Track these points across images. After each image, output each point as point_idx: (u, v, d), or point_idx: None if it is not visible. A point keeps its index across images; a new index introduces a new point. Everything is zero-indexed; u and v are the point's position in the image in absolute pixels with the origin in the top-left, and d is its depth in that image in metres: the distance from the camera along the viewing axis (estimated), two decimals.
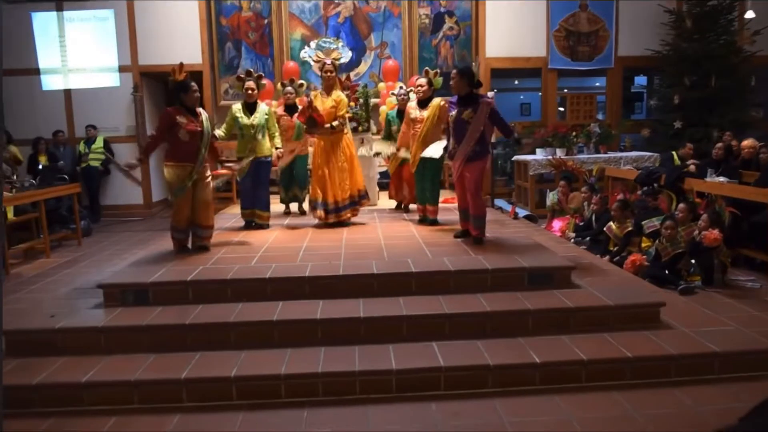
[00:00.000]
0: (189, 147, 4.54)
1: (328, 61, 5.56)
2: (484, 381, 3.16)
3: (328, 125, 5.38)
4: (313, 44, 7.34)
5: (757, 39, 9.13)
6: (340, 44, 7.24)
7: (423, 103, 5.57)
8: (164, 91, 10.60)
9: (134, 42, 9.42)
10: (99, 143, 9.31)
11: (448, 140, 4.91)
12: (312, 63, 7.12)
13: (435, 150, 5.25)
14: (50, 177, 7.80)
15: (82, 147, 9.28)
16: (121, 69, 9.44)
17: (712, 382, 3.21)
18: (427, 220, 5.67)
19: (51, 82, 9.45)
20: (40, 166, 8.48)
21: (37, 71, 9.33)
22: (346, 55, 7.59)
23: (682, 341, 3.43)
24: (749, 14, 8.81)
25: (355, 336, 3.50)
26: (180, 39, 9.33)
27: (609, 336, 3.52)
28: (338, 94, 5.49)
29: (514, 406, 2.99)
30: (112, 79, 9.45)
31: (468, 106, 4.57)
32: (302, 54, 8.05)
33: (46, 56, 9.36)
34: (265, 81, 5.95)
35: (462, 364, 3.19)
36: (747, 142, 6.67)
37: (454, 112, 4.69)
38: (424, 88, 5.57)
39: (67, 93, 9.50)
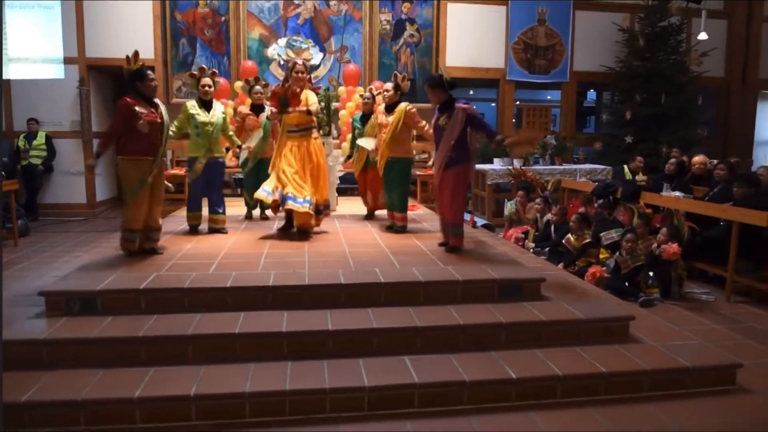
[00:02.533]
0: (148, 139, 4.23)
1: (300, 62, 5.33)
2: (459, 398, 3.02)
3: (303, 109, 5.08)
4: (282, 42, 7.10)
5: (703, 60, 9.50)
6: (311, 44, 7.03)
7: (390, 108, 5.44)
8: (113, 85, 10.08)
9: (81, 33, 8.92)
10: (41, 139, 8.76)
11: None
12: (281, 60, 6.87)
13: (368, 142, 5.14)
14: None
15: (21, 142, 8.70)
16: (67, 61, 8.90)
17: (683, 397, 3.19)
18: (394, 227, 5.52)
19: None
20: None
21: None
22: (316, 56, 7.40)
23: (652, 356, 3.40)
24: (702, 35, 9.13)
25: (323, 350, 3.30)
26: (131, 32, 8.90)
27: (580, 350, 3.45)
28: (307, 93, 5.26)
29: (492, 424, 2.87)
30: (57, 71, 8.89)
31: (444, 112, 4.46)
32: (270, 51, 7.79)
33: None
34: (220, 79, 5.69)
35: (437, 381, 3.04)
36: (698, 158, 6.87)
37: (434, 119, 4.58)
38: (390, 93, 5.45)
39: (7, 83, 8.86)
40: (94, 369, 3.07)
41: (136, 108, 4.18)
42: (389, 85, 5.53)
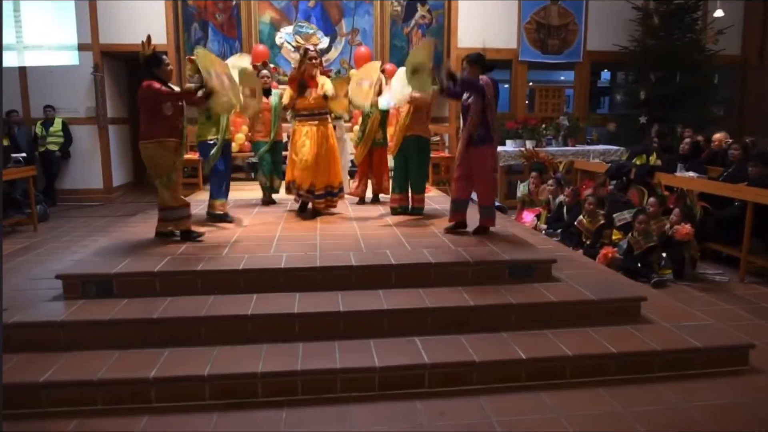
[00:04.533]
0: (172, 122, 4.22)
1: (311, 47, 5.30)
2: (469, 378, 3.02)
3: (321, 93, 5.16)
4: (289, 29, 7.04)
5: (720, 38, 9.27)
6: (316, 29, 6.98)
7: None
8: (127, 71, 10.10)
9: (95, 20, 8.91)
10: (57, 126, 8.83)
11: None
12: (291, 48, 6.83)
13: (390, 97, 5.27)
14: (4, 159, 7.30)
15: (39, 129, 8.77)
16: (81, 47, 8.92)
17: (694, 378, 3.16)
18: (408, 210, 5.46)
19: (5, 59, 8.84)
20: None
21: None
22: (324, 41, 7.34)
23: (663, 336, 3.38)
24: (718, 13, 8.90)
25: (334, 331, 3.31)
26: (144, 18, 8.86)
27: (591, 330, 3.43)
28: (323, 79, 5.26)
29: (501, 404, 2.87)
30: (71, 58, 8.92)
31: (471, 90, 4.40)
32: (278, 39, 7.74)
33: None
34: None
35: (447, 361, 3.05)
36: (718, 135, 6.78)
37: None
38: None
39: (23, 71, 8.93)
40: (110, 350, 3.12)
41: (162, 89, 4.17)
42: None
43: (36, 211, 7.18)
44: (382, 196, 6.19)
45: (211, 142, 5.04)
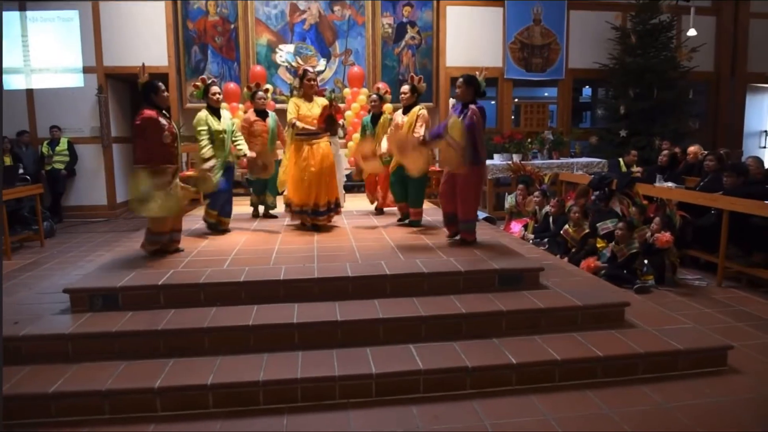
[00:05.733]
0: (168, 149, 4.22)
1: (311, 69, 5.36)
2: (462, 383, 3.03)
3: (341, 122, 5.43)
4: (290, 47, 7.10)
5: (693, 56, 9.41)
6: (316, 52, 7.05)
7: (407, 110, 5.40)
8: (129, 92, 10.12)
9: (99, 43, 8.95)
10: (63, 145, 8.82)
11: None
12: (290, 67, 6.88)
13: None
14: (11, 178, 7.28)
15: (45, 148, 8.75)
16: (86, 70, 8.95)
17: (676, 379, 3.19)
18: (410, 221, 5.52)
19: (13, 82, 8.85)
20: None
21: None
22: (321, 63, 7.40)
23: (646, 339, 3.40)
24: (692, 32, 9.04)
25: (332, 340, 3.31)
26: (146, 41, 8.92)
27: (578, 335, 3.45)
28: (321, 101, 5.31)
29: (494, 407, 2.87)
30: (76, 80, 8.94)
31: (461, 113, 4.44)
32: (279, 58, 7.80)
33: (7, 55, 8.75)
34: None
35: (440, 367, 3.05)
36: (693, 148, 6.84)
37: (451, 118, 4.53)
38: (407, 95, 5.40)
39: (30, 93, 8.93)
40: (116, 361, 3.11)
41: (160, 120, 4.18)
42: (406, 88, 5.41)
43: (43, 227, 7.15)
44: (387, 209, 6.23)
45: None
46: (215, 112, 5.16)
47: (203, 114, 5.08)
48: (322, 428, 2.71)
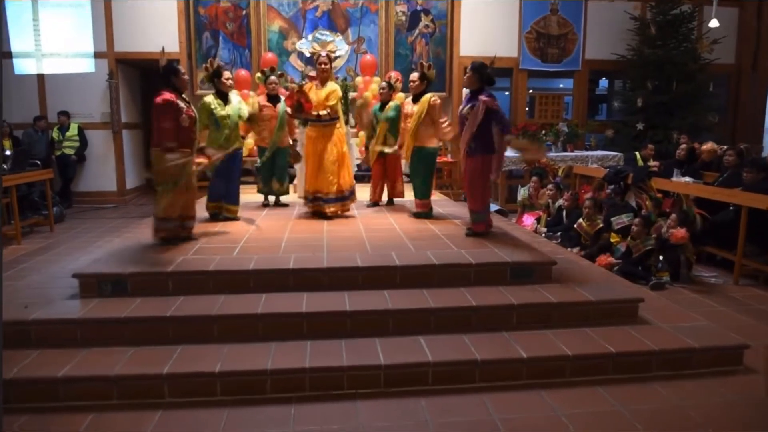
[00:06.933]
0: (186, 132, 4.22)
1: (323, 53, 5.32)
2: (471, 376, 3.03)
3: (315, 113, 5.17)
4: (310, 36, 7.08)
5: (714, 48, 9.26)
6: (338, 38, 6.99)
7: (417, 98, 5.35)
8: (140, 78, 10.16)
9: (110, 28, 8.96)
10: (73, 131, 8.87)
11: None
12: (306, 54, 6.85)
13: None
14: (22, 162, 7.34)
15: (56, 134, 8.81)
16: (97, 55, 8.97)
17: (690, 377, 3.17)
18: (416, 214, 5.50)
19: (24, 66, 8.91)
20: (8, 152, 7.95)
21: (9, 55, 8.78)
22: (342, 48, 7.33)
23: (660, 336, 3.38)
24: (713, 23, 8.89)
25: (341, 330, 3.32)
26: (157, 27, 8.92)
27: (590, 331, 3.43)
28: (332, 86, 5.27)
29: (503, 402, 2.87)
30: (87, 65, 8.97)
31: (470, 102, 4.40)
32: (298, 45, 7.78)
33: (19, 40, 8.80)
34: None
35: (450, 359, 3.05)
36: (707, 147, 6.73)
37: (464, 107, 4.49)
38: (416, 83, 5.36)
39: (41, 78, 8.98)
40: (125, 347, 3.14)
41: (179, 102, 4.18)
42: (415, 75, 5.37)
43: (53, 212, 7.21)
44: (397, 200, 6.21)
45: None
46: (222, 97, 5.15)
47: (208, 99, 5.11)
48: (329, 418, 2.72)
